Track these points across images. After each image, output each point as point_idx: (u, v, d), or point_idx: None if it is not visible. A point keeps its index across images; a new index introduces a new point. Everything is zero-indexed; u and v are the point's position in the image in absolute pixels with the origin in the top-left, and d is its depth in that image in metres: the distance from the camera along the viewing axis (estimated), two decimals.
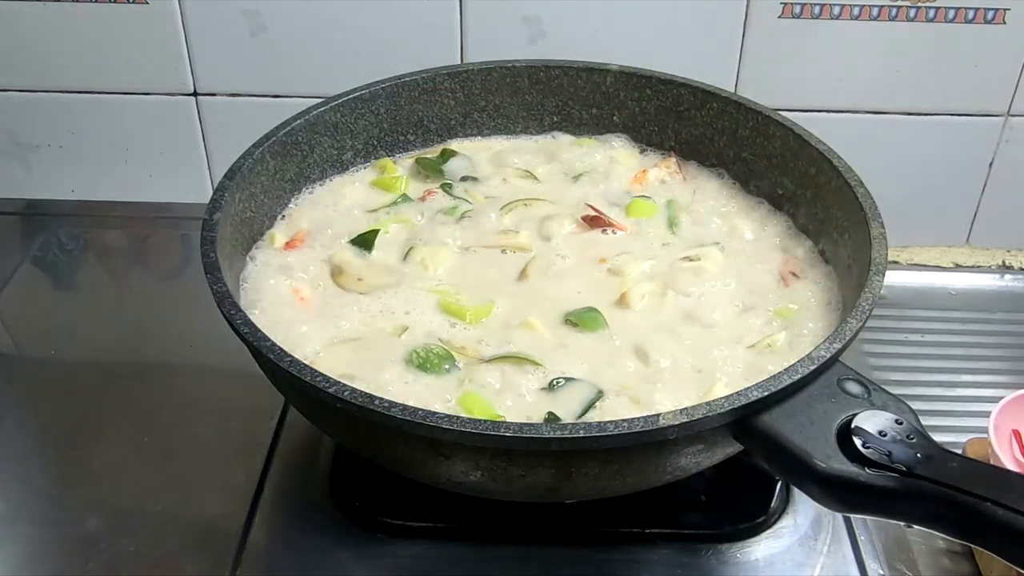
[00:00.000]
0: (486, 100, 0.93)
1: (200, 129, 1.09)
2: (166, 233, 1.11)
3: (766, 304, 0.76)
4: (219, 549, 0.75)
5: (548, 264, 0.80)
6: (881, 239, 0.71)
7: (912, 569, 0.76)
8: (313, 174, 0.88)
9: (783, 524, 0.77)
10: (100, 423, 0.86)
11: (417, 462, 0.64)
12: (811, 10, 0.99)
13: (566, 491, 0.64)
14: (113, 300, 1.03)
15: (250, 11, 1.02)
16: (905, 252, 1.11)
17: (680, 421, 0.57)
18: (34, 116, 1.10)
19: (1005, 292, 1.08)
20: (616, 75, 0.91)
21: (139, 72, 1.06)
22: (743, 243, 0.83)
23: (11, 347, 0.98)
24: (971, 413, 0.88)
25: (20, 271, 1.05)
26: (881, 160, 1.05)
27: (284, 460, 0.82)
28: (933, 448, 0.58)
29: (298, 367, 0.61)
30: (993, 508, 0.54)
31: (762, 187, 0.88)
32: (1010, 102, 1.03)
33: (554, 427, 0.59)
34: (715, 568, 0.74)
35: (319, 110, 0.86)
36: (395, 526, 0.76)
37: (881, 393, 0.61)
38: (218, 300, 0.66)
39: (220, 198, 0.75)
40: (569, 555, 0.75)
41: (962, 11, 0.98)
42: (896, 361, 0.96)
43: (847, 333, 0.63)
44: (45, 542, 0.77)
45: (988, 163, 1.07)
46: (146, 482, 0.81)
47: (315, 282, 0.78)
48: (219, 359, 0.90)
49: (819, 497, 0.59)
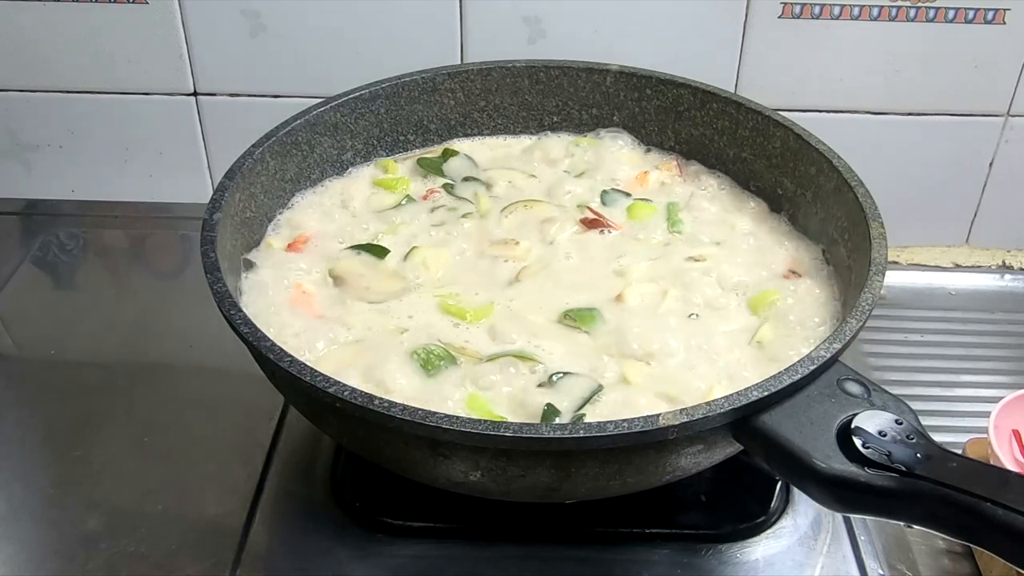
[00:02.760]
0: (486, 100, 0.93)
1: (200, 129, 1.09)
2: (166, 233, 1.11)
3: (766, 303, 0.76)
4: (219, 549, 0.75)
5: (548, 265, 0.80)
6: (881, 239, 0.71)
7: (912, 569, 0.76)
8: (313, 174, 0.88)
9: (783, 524, 0.77)
10: (100, 423, 0.86)
11: (417, 462, 0.64)
12: (811, 10, 0.99)
13: (566, 491, 0.64)
14: (113, 300, 1.03)
15: (250, 11, 1.02)
16: (905, 252, 1.11)
17: (680, 421, 0.57)
18: (34, 116, 1.10)
19: (1005, 292, 1.08)
20: (616, 75, 0.91)
21: (139, 72, 1.06)
22: (743, 243, 0.83)
23: (11, 347, 0.98)
24: (971, 413, 0.88)
25: (20, 271, 1.05)
26: (881, 160, 1.05)
27: (284, 460, 0.82)
28: (933, 448, 0.58)
29: (298, 367, 0.61)
30: (993, 508, 0.54)
31: (762, 187, 0.88)
32: (1010, 102, 1.03)
33: (554, 427, 0.59)
34: (715, 568, 0.74)
35: (319, 110, 0.86)
36: (395, 526, 0.76)
37: (881, 393, 0.61)
38: (218, 300, 0.66)
39: (220, 198, 0.75)
40: (569, 555, 0.75)
41: (962, 11, 0.98)
42: (896, 361, 0.96)
43: (847, 333, 0.63)
44: (45, 542, 0.77)
45: (988, 163, 1.07)
46: (146, 482, 0.81)
47: (316, 283, 0.78)
48: (219, 359, 0.90)
49: (819, 497, 0.59)
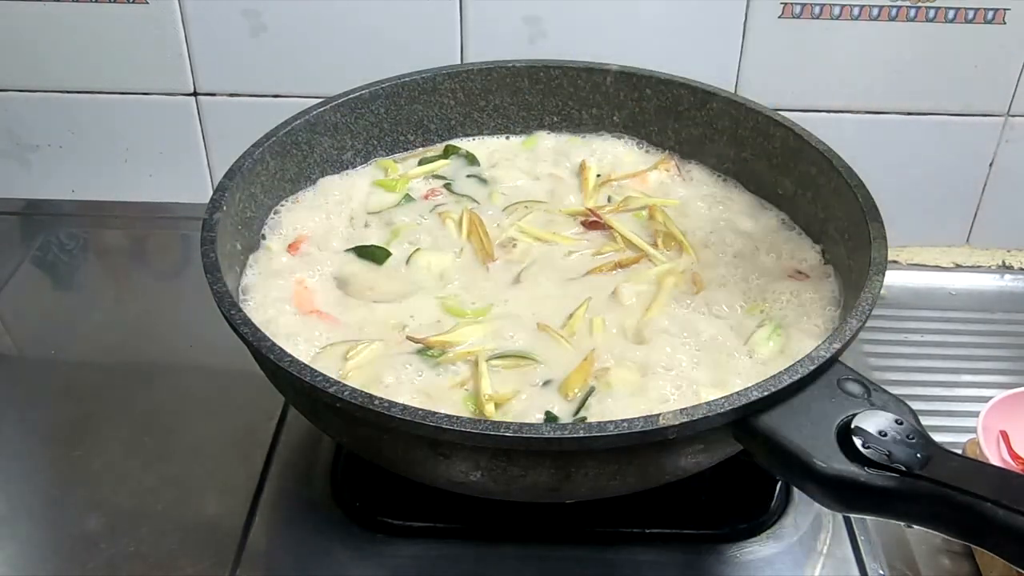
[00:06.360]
0: (486, 100, 0.93)
1: (200, 129, 1.09)
2: (166, 233, 1.11)
3: (766, 303, 0.76)
4: (219, 549, 0.75)
5: (548, 265, 0.80)
6: (881, 239, 0.71)
7: (912, 569, 0.76)
8: (313, 174, 0.88)
9: (783, 524, 0.77)
10: (100, 423, 0.86)
11: (417, 462, 0.64)
12: (811, 10, 0.99)
13: (566, 491, 0.64)
14: (113, 300, 1.03)
15: (250, 11, 1.02)
16: (905, 252, 1.11)
17: (680, 421, 0.57)
18: (34, 116, 1.10)
19: (1005, 292, 1.08)
20: (616, 75, 0.91)
21: (139, 72, 1.06)
22: (743, 243, 0.83)
23: (11, 347, 0.98)
24: (971, 413, 0.87)
25: (20, 271, 1.05)
26: (881, 160, 1.05)
27: (284, 460, 0.82)
28: (933, 448, 0.58)
29: (298, 367, 0.61)
30: (993, 508, 0.53)
31: (762, 187, 0.88)
32: (1010, 102, 1.03)
33: (554, 427, 0.59)
34: (715, 568, 0.74)
35: (319, 110, 0.86)
36: (395, 526, 0.76)
37: (881, 393, 0.61)
38: (218, 300, 0.66)
39: (220, 198, 0.75)
40: (569, 555, 0.75)
41: (962, 11, 0.98)
42: (896, 361, 0.96)
43: (847, 333, 0.63)
44: (45, 542, 0.77)
45: (988, 163, 1.07)
46: (146, 482, 0.81)
47: (316, 284, 0.78)
48: (219, 359, 0.90)
49: (819, 497, 0.59)
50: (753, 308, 0.76)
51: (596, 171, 0.90)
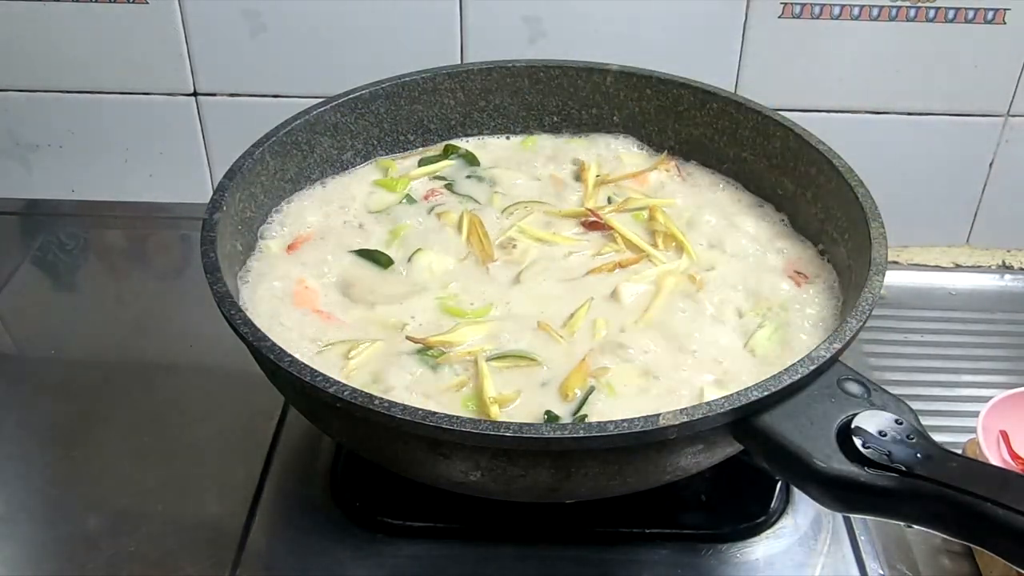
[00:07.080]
0: (486, 100, 0.93)
1: (200, 129, 1.09)
2: (166, 233, 1.11)
3: (766, 304, 0.76)
4: (219, 549, 0.75)
5: (548, 266, 0.80)
6: (881, 239, 0.71)
7: (912, 569, 0.76)
8: (313, 174, 0.88)
9: (783, 524, 0.77)
10: (100, 423, 0.86)
11: (417, 462, 0.64)
12: (811, 10, 0.99)
13: (566, 491, 0.64)
14: (113, 300, 1.03)
15: (250, 11, 1.02)
16: (905, 252, 1.11)
17: (680, 421, 0.57)
18: (34, 116, 1.10)
19: (1005, 292, 1.08)
20: (616, 75, 0.91)
21: (139, 72, 1.06)
22: (743, 243, 0.83)
23: (11, 347, 0.98)
24: (971, 413, 0.87)
25: (20, 271, 1.05)
26: (881, 160, 1.05)
27: (284, 460, 0.82)
28: (933, 448, 0.58)
29: (298, 367, 0.61)
30: (993, 508, 0.54)
31: (762, 187, 0.88)
32: (1010, 102, 1.03)
33: (554, 427, 0.59)
34: (715, 568, 0.74)
35: (319, 110, 0.86)
36: (395, 526, 0.76)
37: (881, 393, 0.61)
38: (218, 300, 0.66)
39: (220, 198, 0.75)
40: (569, 555, 0.75)
41: (962, 11, 0.98)
42: (896, 361, 0.96)
43: (847, 333, 0.63)
44: (45, 542, 0.77)
45: (988, 163, 1.07)
46: (146, 482, 0.81)
47: (316, 284, 0.78)
48: (219, 359, 0.90)
49: (819, 497, 0.59)
50: (753, 308, 0.76)
51: (596, 171, 0.90)
